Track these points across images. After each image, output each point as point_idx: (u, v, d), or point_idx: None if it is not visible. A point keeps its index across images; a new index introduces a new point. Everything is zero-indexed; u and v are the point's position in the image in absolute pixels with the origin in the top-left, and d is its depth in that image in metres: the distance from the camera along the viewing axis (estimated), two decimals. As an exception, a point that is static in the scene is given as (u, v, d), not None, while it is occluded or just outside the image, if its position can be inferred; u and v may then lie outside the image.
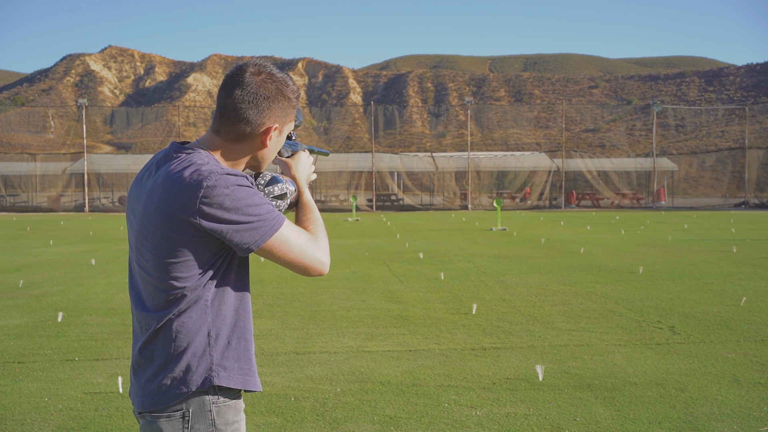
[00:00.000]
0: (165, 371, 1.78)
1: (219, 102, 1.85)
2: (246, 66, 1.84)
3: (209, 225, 1.72)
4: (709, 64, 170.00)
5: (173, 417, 1.78)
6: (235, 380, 1.82)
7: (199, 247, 1.76)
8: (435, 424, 4.24)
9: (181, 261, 1.76)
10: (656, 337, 6.43)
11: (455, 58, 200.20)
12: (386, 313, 7.57)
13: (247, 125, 1.82)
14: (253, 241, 1.75)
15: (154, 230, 1.77)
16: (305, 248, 1.84)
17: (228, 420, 1.80)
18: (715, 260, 12.21)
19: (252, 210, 1.74)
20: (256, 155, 1.90)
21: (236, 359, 1.83)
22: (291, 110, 1.89)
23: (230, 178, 1.73)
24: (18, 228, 22.34)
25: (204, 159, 1.79)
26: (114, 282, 9.99)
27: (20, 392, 4.89)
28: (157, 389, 1.79)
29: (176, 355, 1.78)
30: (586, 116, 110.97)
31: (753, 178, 37.50)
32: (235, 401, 1.83)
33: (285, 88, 1.85)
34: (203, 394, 1.78)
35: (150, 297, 1.82)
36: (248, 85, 1.80)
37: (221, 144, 1.85)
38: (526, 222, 24.60)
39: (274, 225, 1.77)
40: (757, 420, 4.26)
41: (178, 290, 1.78)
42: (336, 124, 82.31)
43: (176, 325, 1.79)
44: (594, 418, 4.30)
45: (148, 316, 1.83)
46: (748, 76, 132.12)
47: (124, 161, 40.58)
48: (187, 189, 1.72)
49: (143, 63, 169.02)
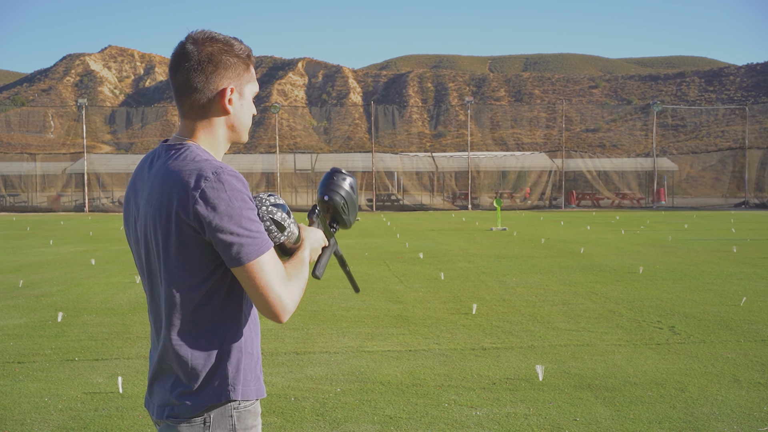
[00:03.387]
0: (183, 385, 1.75)
1: (172, 82, 1.82)
2: (186, 38, 1.79)
3: (200, 225, 1.66)
4: (709, 64, 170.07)
5: (194, 423, 1.75)
6: (251, 391, 1.81)
7: (198, 248, 1.69)
8: (435, 424, 4.24)
9: (185, 263, 1.71)
10: (656, 337, 6.43)
11: (455, 58, 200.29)
12: (386, 313, 7.57)
13: (201, 93, 1.77)
14: (235, 259, 1.67)
15: (156, 231, 1.72)
16: (277, 284, 1.72)
17: (248, 425, 1.80)
18: (715, 260, 12.22)
19: (245, 224, 1.66)
20: (228, 126, 1.83)
21: (251, 369, 1.83)
22: (243, 69, 1.81)
23: (230, 180, 1.66)
24: (18, 228, 22.34)
25: (199, 155, 1.74)
26: (114, 282, 9.99)
27: (20, 392, 4.89)
28: (177, 400, 1.76)
29: (193, 370, 1.75)
30: (586, 116, 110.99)
31: (753, 178, 37.50)
32: (254, 405, 1.83)
33: (228, 48, 1.79)
34: (227, 404, 1.76)
35: (164, 305, 1.77)
36: (190, 54, 1.76)
37: (194, 126, 1.81)
38: (526, 222, 24.61)
39: (260, 248, 1.68)
40: (757, 420, 4.26)
41: (187, 296, 1.72)
42: (336, 124, 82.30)
43: (193, 338, 1.75)
44: (594, 418, 4.30)
45: (163, 327, 1.78)
46: (748, 76, 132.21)
47: (124, 161, 40.58)
48: (184, 187, 1.66)
49: (143, 63, 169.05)
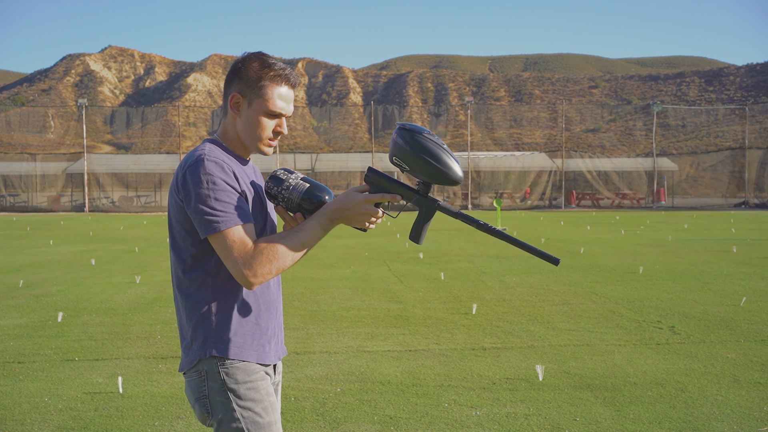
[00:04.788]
0: (184, 339, 2.08)
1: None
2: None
3: (182, 199, 1.98)
4: (709, 64, 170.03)
5: (195, 376, 2.05)
6: (242, 352, 2.03)
7: (187, 218, 2.00)
8: (435, 424, 4.24)
9: (180, 229, 2.03)
10: (656, 337, 6.43)
11: (455, 58, 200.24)
12: (386, 313, 7.57)
13: (222, 98, 2.17)
14: (201, 230, 1.95)
15: (169, 202, 2.09)
16: (235, 256, 1.92)
17: (238, 380, 2.02)
18: (715, 260, 12.22)
19: (209, 202, 1.93)
20: (234, 127, 2.12)
21: (248, 334, 2.06)
22: (255, 84, 2.06)
23: (208, 165, 1.95)
24: (18, 228, 22.34)
25: (201, 147, 2.06)
26: (114, 282, 9.99)
27: (20, 392, 4.89)
28: (183, 352, 2.10)
29: (187, 325, 2.06)
30: (586, 116, 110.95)
31: (753, 178, 37.48)
32: (245, 363, 2.03)
33: (247, 63, 2.07)
34: (211, 359, 2.02)
35: (171, 265, 2.12)
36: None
37: (221, 123, 2.17)
38: (526, 222, 24.61)
39: (219, 225, 1.93)
40: (757, 420, 4.26)
41: (180, 257, 2.05)
42: (336, 124, 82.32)
43: (186, 297, 2.05)
44: (594, 418, 4.30)
45: (173, 285, 2.12)
46: (748, 76, 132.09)
47: (124, 161, 40.59)
48: (180, 168, 2.02)
49: (143, 63, 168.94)
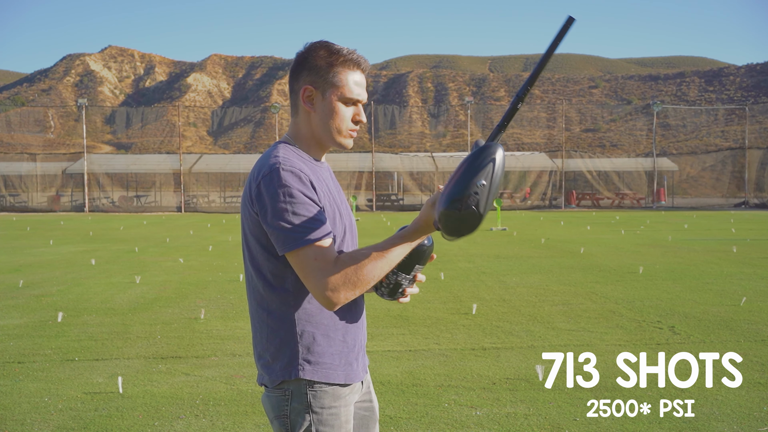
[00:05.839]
0: (262, 357, 1.96)
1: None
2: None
3: (258, 212, 1.85)
4: (709, 64, 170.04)
5: (278, 393, 1.93)
6: (319, 374, 1.91)
7: (263, 231, 1.87)
8: (435, 424, 4.24)
9: (256, 243, 1.90)
10: (656, 337, 6.43)
11: (455, 58, 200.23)
12: (386, 313, 7.56)
13: (292, 93, 2.01)
14: (279, 247, 1.83)
15: (242, 214, 1.96)
16: (316, 276, 1.80)
17: (324, 404, 1.92)
18: (715, 260, 12.22)
19: (287, 216, 1.80)
20: (309, 123, 1.98)
21: (334, 354, 1.94)
22: (327, 72, 1.93)
23: (284, 175, 1.81)
24: (18, 228, 22.34)
25: (275, 152, 1.90)
26: (114, 282, 9.99)
27: (20, 392, 4.89)
28: (262, 370, 1.97)
29: (268, 343, 1.94)
30: (586, 116, 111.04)
31: (753, 178, 37.47)
32: (333, 388, 1.93)
33: (313, 53, 1.94)
34: (298, 381, 1.91)
35: (246, 279, 1.99)
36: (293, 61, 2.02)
37: (292, 123, 2.03)
38: (526, 222, 24.61)
39: (297, 242, 1.79)
40: (757, 420, 4.26)
41: (264, 275, 1.91)
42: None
43: (268, 314, 1.92)
44: (594, 418, 4.30)
45: (248, 297, 2.00)
46: (748, 76, 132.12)
47: (124, 161, 40.58)
48: (254, 178, 1.87)
49: (143, 63, 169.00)
